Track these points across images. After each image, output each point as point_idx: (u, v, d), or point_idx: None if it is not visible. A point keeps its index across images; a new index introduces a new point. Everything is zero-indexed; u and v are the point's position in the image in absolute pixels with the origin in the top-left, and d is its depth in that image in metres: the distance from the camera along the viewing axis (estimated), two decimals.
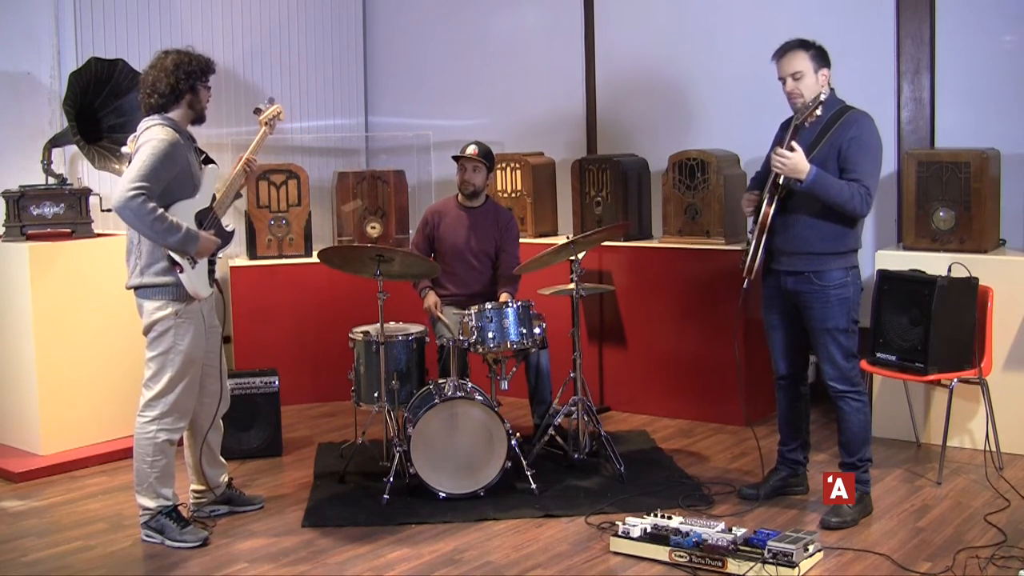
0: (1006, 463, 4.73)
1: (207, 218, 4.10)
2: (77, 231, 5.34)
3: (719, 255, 5.56)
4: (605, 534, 4.03)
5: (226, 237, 4.23)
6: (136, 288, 4.07)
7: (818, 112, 4.03)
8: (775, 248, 4.19)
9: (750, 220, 4.28)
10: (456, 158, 5.30)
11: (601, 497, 4.47)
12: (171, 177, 3.95)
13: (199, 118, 4.18)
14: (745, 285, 4.28)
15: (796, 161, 3.98)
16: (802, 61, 4.08)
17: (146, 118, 4.07)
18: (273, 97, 4.55)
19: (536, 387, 5.18)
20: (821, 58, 4.12)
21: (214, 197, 4.18)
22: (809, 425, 4.49)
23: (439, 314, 5.16)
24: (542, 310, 4.88)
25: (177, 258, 3.96)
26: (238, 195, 4.44)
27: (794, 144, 4.01)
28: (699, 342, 5.65)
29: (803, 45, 4.12)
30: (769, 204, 4.11)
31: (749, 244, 4.20)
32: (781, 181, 4.09)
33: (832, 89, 4.15)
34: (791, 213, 4.12)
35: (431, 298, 5.22)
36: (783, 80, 4.14)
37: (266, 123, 4.40)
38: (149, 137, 3.96)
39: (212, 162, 4.23)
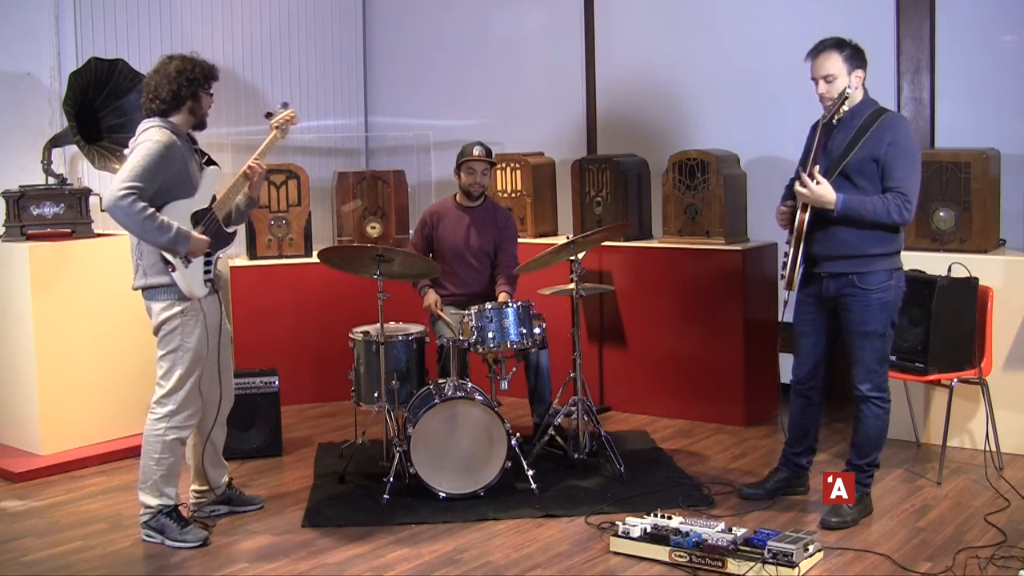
0: (1006, 463, 4.73)
1: (205, 218, 4.10)
2: (77, 231, 5.34)
3: (719, 255, 5.56)
4: (605, 534, 4.03)
5: (226, 238, 4.22)
6: (143, 289, 4.09)
7: (845, 107, 3.93)
8: (816, 255, 4.09)
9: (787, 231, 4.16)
10: (463, 161, 5.28)
11: (601, 497, 4.47)
12: (165, 178, 3.95)
13: (200, 124, 4.18)
14: (787, 297, 4.21)
15: (821, 192, 3.93)
16: (835, 64, 3.98)
17: (145, 120, 4.07)
18: (287, 102, 4.44)
19: (536, 387, 5.18)
20: (855, 59, 4.02)
21: (214, 198, 4.18)
22: (818, 432, 4.45)
23: (439, 312, 5.17)
24: (542, 310, 4.88)
25: (169, 257, 3.97)
26: (253, 202, 4.39)
27: (818, 176, 3.93)
28: (699, 342, 5.65)
29: (838, 46, 4.01)
30: (803, 211, 4.01)
31: (787, 255, 4.08)
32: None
33: (866, 89, 4.07)
34: (831, 220, 4.00)
35: (431, 296, 5.22)
36: (815, 81, 4.04)
37: (277, 127, 4.35)
38: (145, 138, 3.97)
39: (214, 164, 4.24)
